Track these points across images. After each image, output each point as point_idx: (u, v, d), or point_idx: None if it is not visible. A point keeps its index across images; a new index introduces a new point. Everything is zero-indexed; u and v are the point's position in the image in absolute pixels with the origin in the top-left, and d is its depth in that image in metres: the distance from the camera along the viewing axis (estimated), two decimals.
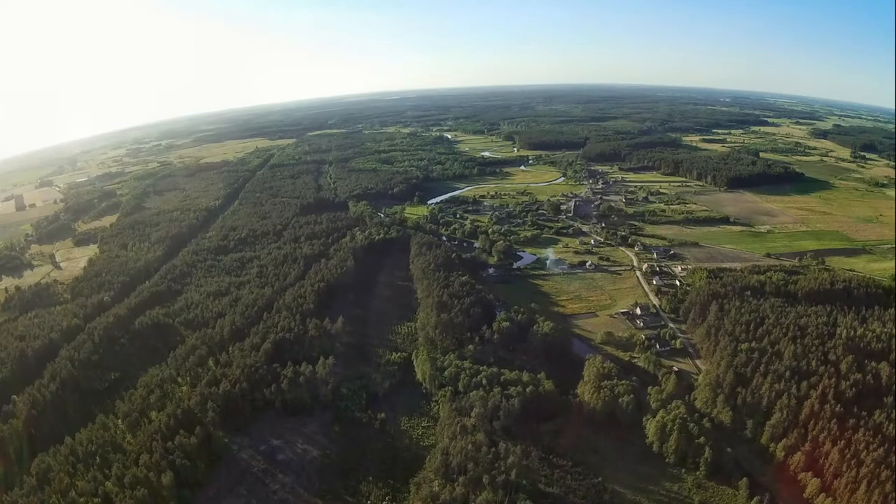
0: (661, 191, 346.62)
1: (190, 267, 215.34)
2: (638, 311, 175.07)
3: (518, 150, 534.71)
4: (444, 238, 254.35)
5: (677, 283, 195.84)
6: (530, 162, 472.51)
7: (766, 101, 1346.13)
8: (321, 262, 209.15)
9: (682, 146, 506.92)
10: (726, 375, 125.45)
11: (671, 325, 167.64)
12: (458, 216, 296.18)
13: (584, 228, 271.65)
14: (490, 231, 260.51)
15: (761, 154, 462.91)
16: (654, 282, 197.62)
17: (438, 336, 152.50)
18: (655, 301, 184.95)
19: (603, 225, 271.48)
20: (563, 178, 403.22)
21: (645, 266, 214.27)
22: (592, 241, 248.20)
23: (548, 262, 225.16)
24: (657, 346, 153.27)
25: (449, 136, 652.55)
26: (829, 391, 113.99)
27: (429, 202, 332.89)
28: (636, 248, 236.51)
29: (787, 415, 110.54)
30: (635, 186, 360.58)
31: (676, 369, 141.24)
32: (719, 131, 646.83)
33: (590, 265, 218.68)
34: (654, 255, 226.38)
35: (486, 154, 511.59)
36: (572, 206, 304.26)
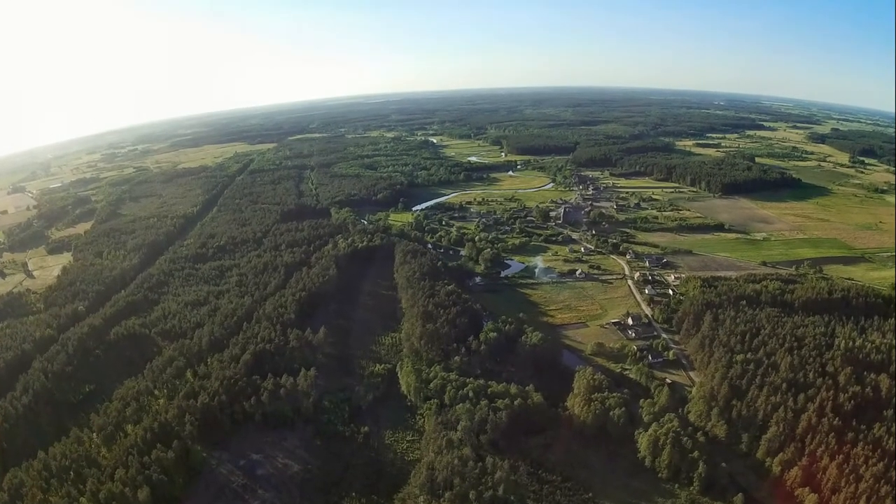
0: (654, 197, 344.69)
1: (167, 275, 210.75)
2: (630, 321, 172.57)
3: (506, 155, 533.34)
4: (429, 246, 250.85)
5: (670, 292, 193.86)
6: (518, 167, 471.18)
7: (761, 104, 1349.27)
8: (303, 270, 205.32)
9: (675, 151, 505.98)
10: (721, 388, 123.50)
11: (664, 335, 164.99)
12: (443, 223, 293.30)
13: (574, 236, 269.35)
14: (477, 238, 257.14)
15: (757, 159, 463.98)
16: (647, 291, 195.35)
17: (424, 347, 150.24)
18: (648, 311, 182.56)
19: (593, 232, 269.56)
20: (552, 184, 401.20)
21: (637, 275, 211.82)
22: (582, 249, 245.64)
23: (536, 270, 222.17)
24: (649, 358, 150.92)
25: (434, 141, 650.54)
26: (827, 404, 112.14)
27: (414, 209, 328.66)
28: (628, 256, 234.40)
29: (783, 428, 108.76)
30: (627, 192, 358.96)
31: (669, 381, 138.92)
32: (713, 135, 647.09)
33: (580, 274, 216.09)
34: (647, 264, 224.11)
35: (473, 159, 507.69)
36: (562, 213, 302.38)
